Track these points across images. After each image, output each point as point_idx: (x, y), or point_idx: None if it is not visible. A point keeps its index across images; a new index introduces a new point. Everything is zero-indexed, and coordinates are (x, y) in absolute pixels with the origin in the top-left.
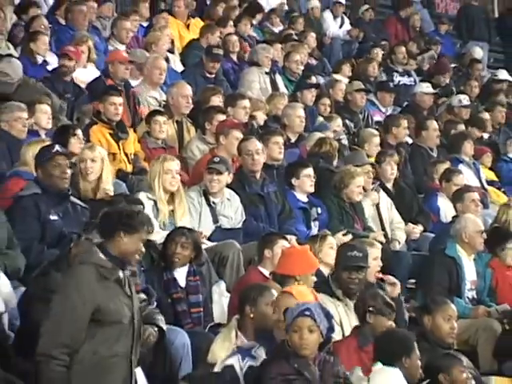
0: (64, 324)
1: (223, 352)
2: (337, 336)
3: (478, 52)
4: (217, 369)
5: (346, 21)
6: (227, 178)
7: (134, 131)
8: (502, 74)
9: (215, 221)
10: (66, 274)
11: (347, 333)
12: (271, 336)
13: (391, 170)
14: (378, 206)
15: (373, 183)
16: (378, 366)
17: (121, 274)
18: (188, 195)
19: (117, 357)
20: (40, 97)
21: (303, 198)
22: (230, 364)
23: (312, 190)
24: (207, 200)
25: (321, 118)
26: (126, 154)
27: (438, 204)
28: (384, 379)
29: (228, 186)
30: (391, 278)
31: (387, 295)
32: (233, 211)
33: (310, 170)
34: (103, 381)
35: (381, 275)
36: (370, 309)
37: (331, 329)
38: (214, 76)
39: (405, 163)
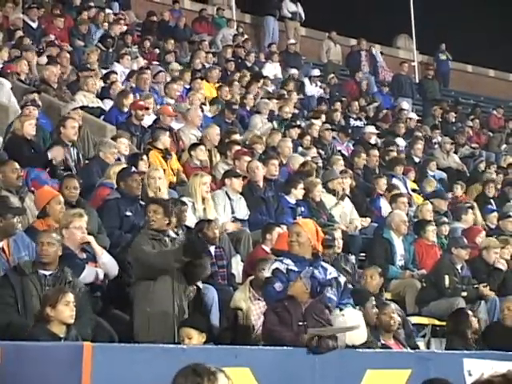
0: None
1: (241, 300)
2: None
3: (405, 104)
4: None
5: (319, 84)
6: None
7: (178, 158)
8: (411, 114)
9: (232, 212)
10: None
11: None
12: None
13: (348, 182)
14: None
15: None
16: (348, 307)
17: (166, 238)
18: (217, 196)
19: (162, 291)
20: (121, 133)
21: (292, 201)
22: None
23: (300, 196)
24: (229, 198)
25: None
26: (172, 169)
27: (380, 204)
28: (352, 315)
29: (241, 191)
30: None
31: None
32: (242, 207)
33: (300, 185)
34: (156, 302)
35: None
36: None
37: (314, 289)
38: (231, 121)
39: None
